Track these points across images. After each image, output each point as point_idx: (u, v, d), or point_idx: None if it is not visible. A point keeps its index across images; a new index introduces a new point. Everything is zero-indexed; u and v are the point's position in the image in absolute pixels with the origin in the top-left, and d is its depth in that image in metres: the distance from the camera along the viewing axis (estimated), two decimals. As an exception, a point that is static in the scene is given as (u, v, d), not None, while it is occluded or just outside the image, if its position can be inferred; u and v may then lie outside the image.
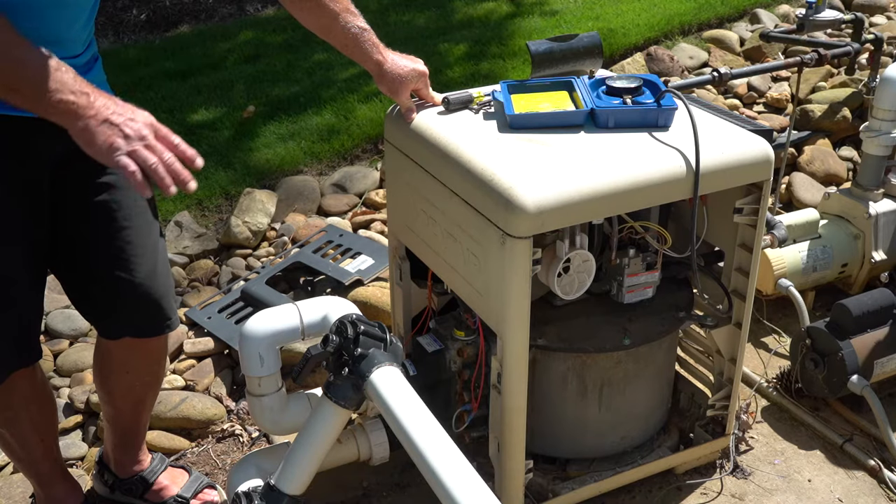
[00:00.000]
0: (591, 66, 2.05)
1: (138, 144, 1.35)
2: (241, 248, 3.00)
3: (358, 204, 3.25)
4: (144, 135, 1.37)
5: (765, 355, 2.64)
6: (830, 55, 3.00)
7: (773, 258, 2.63)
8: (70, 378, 2.52)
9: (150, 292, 1.79)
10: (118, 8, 5.58)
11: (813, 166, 3.32)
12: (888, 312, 2.33)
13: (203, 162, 1.43)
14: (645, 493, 2.15)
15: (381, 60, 1.85)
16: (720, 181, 1.78)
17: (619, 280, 1.96)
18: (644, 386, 2.05)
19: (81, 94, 1.35)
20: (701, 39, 4.26)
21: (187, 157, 1.40)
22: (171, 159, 1.37)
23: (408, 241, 2.08)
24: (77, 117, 1.35)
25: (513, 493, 1.89)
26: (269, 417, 1.84)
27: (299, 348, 2.41)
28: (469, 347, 1.97)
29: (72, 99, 1.34)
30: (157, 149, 1.37)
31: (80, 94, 1.35)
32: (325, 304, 1.80)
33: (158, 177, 1.35)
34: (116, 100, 1.40)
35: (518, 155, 1.73)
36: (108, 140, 1.35)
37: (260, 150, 3.48)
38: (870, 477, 2.21)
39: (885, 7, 4.55)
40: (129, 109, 1.39)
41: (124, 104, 1.40)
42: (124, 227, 1.73)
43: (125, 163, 1.34)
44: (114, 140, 1.34)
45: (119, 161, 1.34)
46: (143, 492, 2.10)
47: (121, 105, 1.39)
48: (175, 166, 1.37)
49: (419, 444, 1.40)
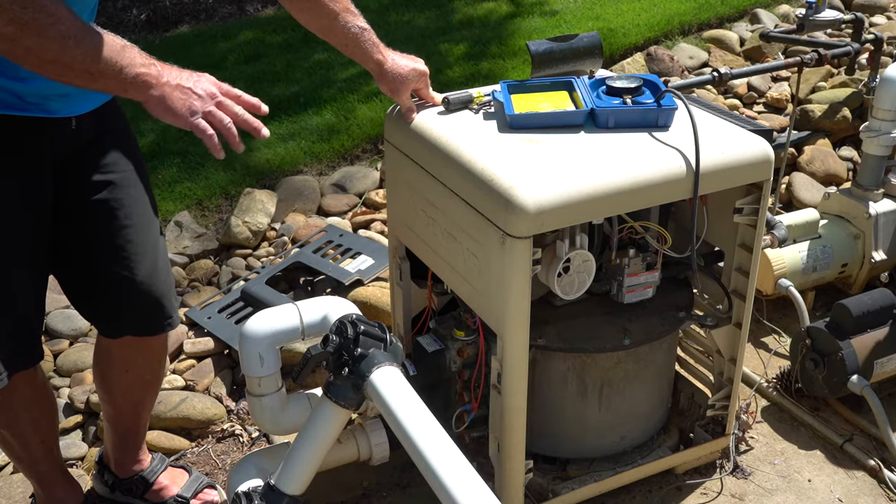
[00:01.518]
0: (591, 66, 2.05)
1: (211, 104, 1.43)
2: (241, 248, 3.00)
3: (358, 204, 3.25)
4: (214, 92, 1.44)
5: (765, 355, 2.64)
6: (830, 55, 3.00)
7: (773, 258, 2.63)
8: (70, 378, 2.52)
9: (151, 291, 1.79)
10: (118, 8, 5.58)
11: (813, 166, 3.32)
12: (888, 312, 2.33)
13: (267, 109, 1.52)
14: (645, 493, 2.15)
15: (381, 60, 1.85)
16: (720, 181, 1.78)
17: (619, 280, 1.96)
18: (644, 386, 2.05)
19: (151, 66, 1.40)
20: (701, 39, 4.27)
21: (253, 106, 1.49)
22: (241, 112, 1.46)
23: (408, 241, 2.08)
24: (152, 87, 1.40)
25: (513, 493, 1.89)
26: (269, 417, 1.84)
27: (299, 348, 2.41)
28: (469, 347, 1.97)
29: (144, 71, 1.39)
30: (228, 105, 1.45)
31: (150, 65, 1.40)
32: (325, 304, 1.80)
33: (231, 134, 1.44)
34: (177, 67, 1.45)
35: (518, 155, 1.73)
36: (186, 104, 1.41)
37: (260, 150, 3.48)
38: (870, 477, 2.21)
39: (885, 7, 4.55)
40: (193, 72, 1.45)
41: (184, 70, 1.45)
42: (125, 225, 1.73)
43: (203, 126, 1.41)
44: (191, 103, 1.41)
45: (198, 124, 1.41)
46: (143, 492, 2.10)
47: (183, 70, 1.45)
48: (245, 117, 1.46)
49: (419, 444, 1.40)
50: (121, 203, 1.73)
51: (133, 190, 1.75)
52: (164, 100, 1.40)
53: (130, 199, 1.74)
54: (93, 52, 1.33)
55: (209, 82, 1.45)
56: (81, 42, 1.32)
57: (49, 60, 1.32)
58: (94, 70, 1.34)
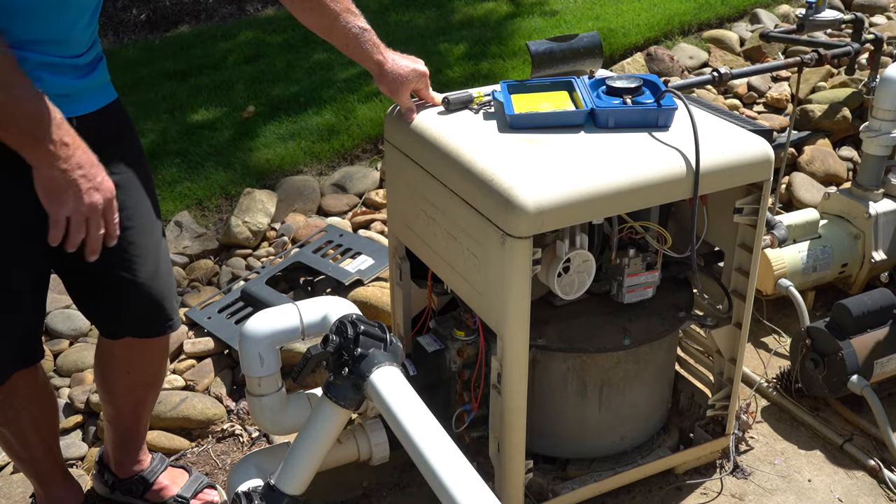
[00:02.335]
0: (591, 66, 2.05)
1: (82, 217, 1.42)
2: (241, 248, 3.01)
3: (358, 204, 3.25)
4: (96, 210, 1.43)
5: (765, 355, 2.64)
6: (830, 55, 3.00)
7: (773, 258, 2.63)
8: (70, 378, 2.52)
9: (153, 293, 1.79)
10: (118, 8, 5.58)
11: (813, 166, 3.32)
12: (888, 312, 2.34)
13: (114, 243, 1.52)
14: (645, 493, 2.15)
15: (381, 61, 1.85)
16: (720, 181, 1.78)
17: (619, 280, 1.96)
18: (644, 386, 2.05)
19: (62, 145, 1.38)
20: (701, 39, 4.27)
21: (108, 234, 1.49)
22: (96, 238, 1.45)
23: (408, 241, 2.08)
24: (51, 166, 1.38)
25: (513, 493, 1.89)
26: (269, 417, 1.84)
27: (299, 348, 2.41)
28: (469, 347, 1.97)
29: (51, 149, 1.37)
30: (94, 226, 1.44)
31: (61, 144, 1.38)
32: (325, 304, 1.80)
33: (72, 243, 1.44)
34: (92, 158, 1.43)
35: (518, 155, 1.73)
36: (62, 198, 1.40)
37: (260, 150, 3.48)
38: (870, 477, 2.21)
39: (885, 7, 4.55)
40: (98, 174, 1.43)
41: (97, 165, 1.44)
42: (127, 227, 1.73)
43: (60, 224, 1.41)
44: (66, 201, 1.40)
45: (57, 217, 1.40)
46: (143, 492, 2.10)
47: (93, 167, 1.43)
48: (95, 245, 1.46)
49: (419, 444, 1.40)
50: (123, 205, 1.72)
51: (136, 192, 1.75)
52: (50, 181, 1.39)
53: (133, 201, 1.74)
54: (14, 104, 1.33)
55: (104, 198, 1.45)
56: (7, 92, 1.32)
57: None
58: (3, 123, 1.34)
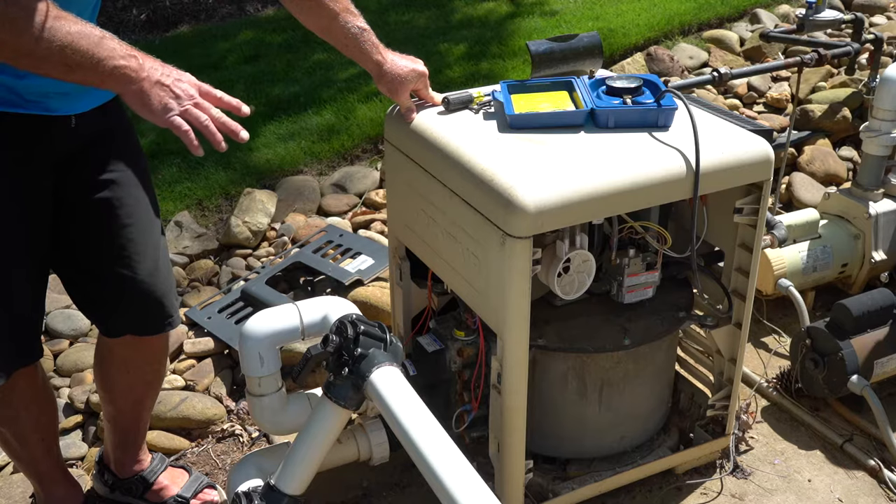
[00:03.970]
0: (591, 66, 2.05)
1: (188, 104, 1.41)
2: (241, 248, 3.00)
3: (358, 204, 3.25)
4: (192, 94, 1.42)
5: (765, 355, 2.64)
6: (830, 55, 3.00)
7: (773, 258, 2.63)
8: (70, 378, 2.52)
9: (152, 290, 1.80)
10: (118, 8, 5.58)
11: (813, 166, 3.32)
12: (888, 312, 2.33)
13: (249, 110, 1.49)
14: (645, 493, 2.15)
15: (380, 61, 1.85)
16: (720, 181, 1.78)
17: (619, 280, 1.96)
18: (644, 386, 2.05)
19: (131, 58, 1.38)
20: (701, 39, 4.27)
21: (233, 107, 1.47)
22: (219, 114, 1.43)
23: (408, 241, 2.08)
24: (130, 81, 1.38)
25: (513, 493, 1.89)
26: (269, 417, 1.84)
27: (299, 348, 2.41)
28: (469, 347, 1.97)
29: (123, 64, 1.36)
30: (205, 106, 1.42)
31: (130, 57, 1.38)
32: (325, 304, 1.80)
33: (210, 133, 1.41)
34: (160, 61, 1.43)
35: (518, 155, 1.73)
36: (162, 101, 1.39)
37: (260, 150, 3.48)
38: (870, 477, 2.21)
39: (885, 7, 4.55)
40: (174, 70, 1.44)
41: (167, 65, 1.44)
42: (126, 224, 1.73)
43: (178, 123, 1.39)
44: (167, 101, 1.39)
45: (173, 121, 1.39)
46: (143, 492, 2.10)
47: (167, 66, 1.43)
48: (223, 119, 1.43)
49: (419, 444, 1.40)
50: (122, 202, 1.73)
51: (134, 189, 1.75)
52: (142, 95, 1.38)
53: (132, 199, 1.74)
54: (69, 43, 1.32)
55: (189, 83, 1.43)
56: (56, 34, 1.30)
57: (24, 54, 1.31)
58: (70, 62, 1.33)
